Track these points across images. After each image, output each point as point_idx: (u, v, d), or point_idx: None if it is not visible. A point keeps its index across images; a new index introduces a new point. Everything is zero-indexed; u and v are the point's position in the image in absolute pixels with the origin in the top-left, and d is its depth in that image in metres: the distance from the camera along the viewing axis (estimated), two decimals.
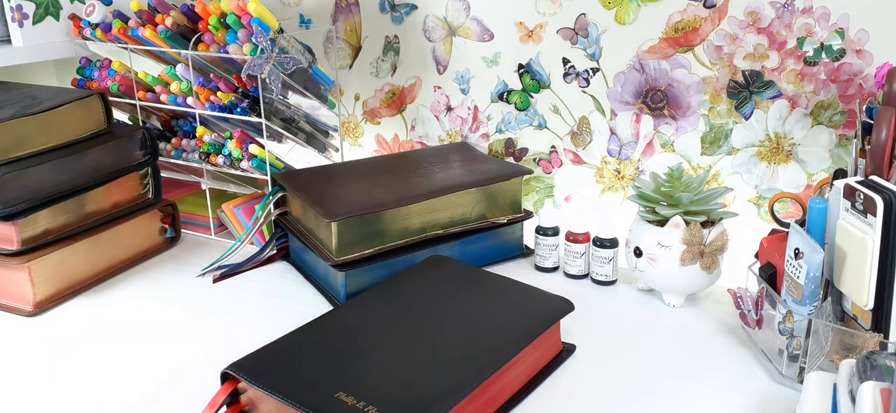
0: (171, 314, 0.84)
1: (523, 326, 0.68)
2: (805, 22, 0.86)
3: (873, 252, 0.62)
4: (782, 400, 0.66)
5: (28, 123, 0.86)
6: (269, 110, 0.98)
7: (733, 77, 0.92)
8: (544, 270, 0.93)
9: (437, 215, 0.90)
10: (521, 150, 1.09)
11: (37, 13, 1.10)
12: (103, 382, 0.70)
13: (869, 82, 0.85)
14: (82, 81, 1.10)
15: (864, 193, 0.62)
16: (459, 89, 1.11)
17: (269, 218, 0.97)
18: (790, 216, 0.91)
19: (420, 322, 0.69)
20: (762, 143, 0.93)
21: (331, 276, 0.86)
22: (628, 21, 0.95)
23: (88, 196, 0.92)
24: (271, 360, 0.63)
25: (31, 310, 0.84)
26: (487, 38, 1.06)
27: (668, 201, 0.82)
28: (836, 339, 0.67)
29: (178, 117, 1.10)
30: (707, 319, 0.80)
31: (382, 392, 0.58)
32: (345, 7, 1.15)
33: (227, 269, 0.94)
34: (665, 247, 0.79)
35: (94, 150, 0.93)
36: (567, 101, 1.03)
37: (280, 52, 0.92)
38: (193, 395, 0.67)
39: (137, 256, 0.99)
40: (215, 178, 1.08)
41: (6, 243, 0.84)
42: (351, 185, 0.92)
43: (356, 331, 0.68)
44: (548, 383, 0.69)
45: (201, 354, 0.75)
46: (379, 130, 1.21)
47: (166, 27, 0.98)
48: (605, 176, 1.04)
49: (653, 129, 0.99)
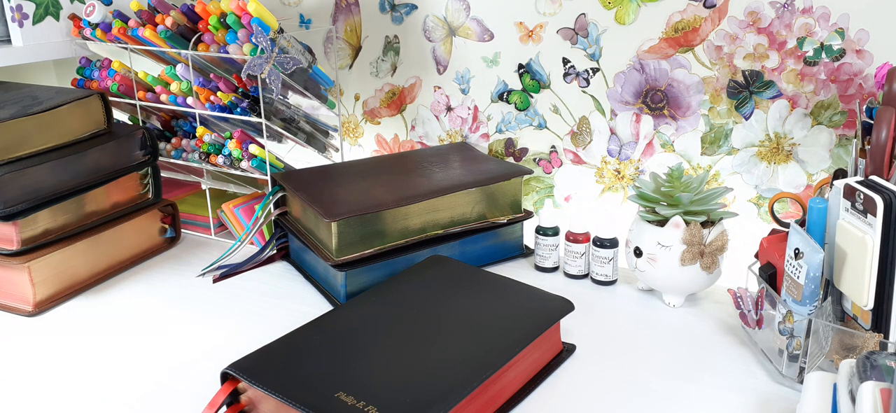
0: (171, 314, 0.84)
1: (523, 326, 0.68)
2: (805, 22, 0.86)
3: (873, 252, 0.62)
4: (782, 400, 0.66)
5: (28, 123, 0.86)
6: (269, 110, 0.98)
7: (733, 77, 0.92)
8: (544, 270, 0.93)
9: (437, 215, 0.90)
10: (521, 150, 1.09)
11: (37, 13, 1.10)
12: (103, 382, 0.70)
13: (869, 82, 0.85)
14: (82, 81, 1.10)
15: (864, 193, 0.62)
16: (459, 89, 1.11)
17: (269, 218, 0.97)
18: (790, 216, 0.91)
19: (420, 322, 0.69)
20: (762, 143, 0.93)
21: (331, 276, 0.86)
22: (628, 21, 0.95)
23: (88, 196, 0.92)
24: (271, 360, 0.63)
25: (31, 310, 0.84)
26: (487, 38, 1.06)
27: (668, 201, 0.82)
28: (836, 339, 0.67)
29: (178, 117, 1.10)
30: (707, 319, 0.80)
31: (382, 392, 0.58)
32: (345, 7, 1.15)
33: (227, 269, 0.94)
34: (665, 247, 0.79)
35: (94, 150, 0.93)
36: (567, 101, 1.03)
37: (280, 52, 0.92)
38: (193, 395, 0.67)
39: (137, 256, 0.99)
40: (215, 178, 1.08)
41: (6, 243, 0.84)
42: (351, 185, 0.92)
43: (356, 331, 0.68)
44: (548, 383, 0.69)
45: (201, 354, 0.75)
46: (379, 130, 1.21)
47: (166, 27, 0.98)
48: (605, 176, 1.04)
49: (653, 129, 0.99)
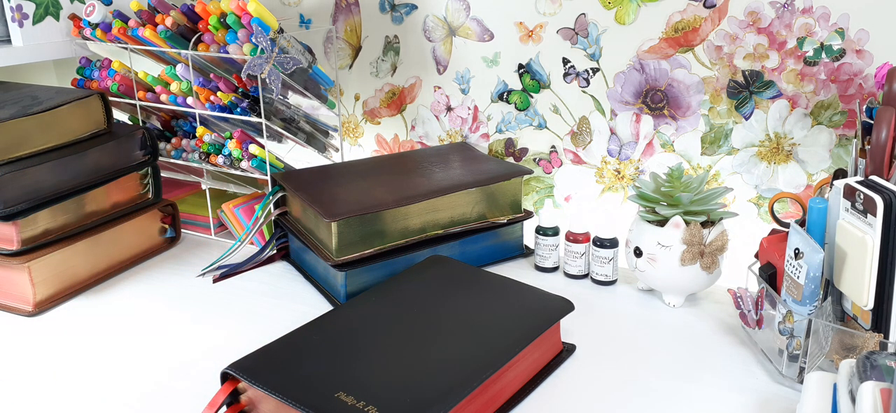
0: (171, 314, 0.84)
1: (523, 326, 0.68)
2: (805, 22, 0.86)
3: (873, 252, 0.62)
4: (782, 400, 0.66)
5: (28, 123, 0.86)
6: (269, 110, 0.98)
7: (733, 77, 0.92)
8: (544, 270, 0.93)
9: (437, 215, 0.90)
10: (521, 150, 1.09)
11: (37, 13, 1.10)
12: (103, 382, 0.70)
13: (869, 82, 0.85)
14: (82, 81, 1.10)
15: (864, 193, 0.62)
16: (459, 89, 1.11)
17: (269, 218, 0.97)
18: (790, 216, 0.91)
19: (420, 322, 0.69)
20: (762, 143, 0.93)
21: (331, 276, 0.86)
22: (628, 21, 0.95)
23: (88, 196, 0.92)
24: (271, 360, 0.63)
25: (31, 310, 0.84)
26: (487, 38, 1.06)
27: (668, 201, 0.82)
28: (836, 339, 0.67)
29: (178, 117, 1.10)
30: (707, 319, 0.80)
31: (382, 392, 0.58)
32: (345, 7, 1.15)
33: (227, 269, 0.94)
34: (665, 247, 0.79)
35: (94, 150, 0.93)
36: (567, 101, 1.03)
37: (280, 52, 0.92)
38: (193, 395, 0.67)
39: (137, 256, 0.99)
40: (215, 178, 1.08)
41: (6, 243, 0.84)
42: (351, 185, 0.92)
43: (356, 331, 0.67)
44: (548, 383, 0.69)
45: (201, 354, 0.75)
46: (379, 130, 1.21)
47: (166, 27, 0.98)
48: (605, 176, 1.04)
49: (653, 129, 0.99)
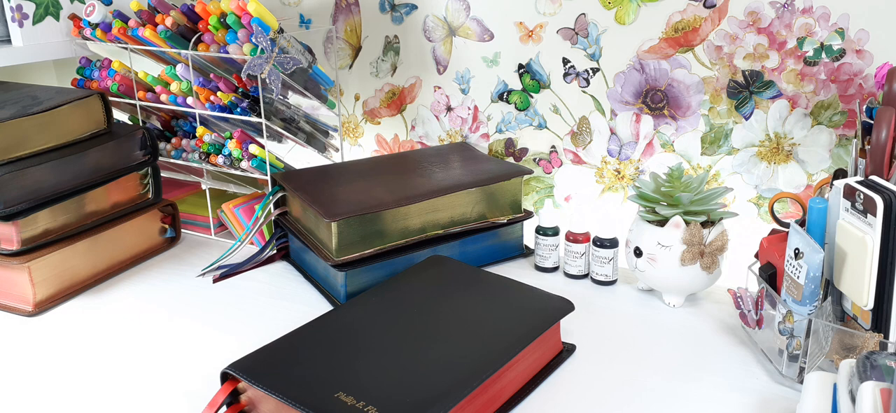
0: (171, 314, 0.84)
1: (523, 326, 0.68)
2: (805, 22, 0.86)
3: (873, 252, 0.62)
4: (782, 400, 0.66)
5: (28, 123, 0.86)
6: (269, 110, 0.98)
7: (733, 77, 0.92)
8: (544, 270, 0.93)
9: (437, 215, 0.90)
10: (521, 150, 1.09)
11: (37, 13, 1.10)
12: (103, 382, 0.70)
13: (869, 82, 0.85)
14: (82, 81, 1.10)
15: (864, 193, 0.62)
16: (459, 89, 1.11)
17: (269, 218, 0.97)
18: (790, 216, 0.91)
19: (420, 322, 0.69)
20: (762, 143, 0.93)
21: (331, 276, 0.86)
22: (628, 21, 0.95)
23: (88, 196, 0.92)
24: (271, 360, 0.63)
25: (31, 310, 0.84)
26: (487, 38, 1.06)
27: (668, 201, 0.82)
28: (836, 339, 0.67)
29: (178, 117, 1.10)
30: (707, 319, 0.80)
31: (382, 392, 0.58)
32: (345, 7, 1.15)
33: (227, 269, 0.94)
34: (665, 247, 0.79)
35: (94, 150, 0.93)
36: (567, 101, 1.03)
37: (280, 52, 0.92)
38: (193, 395, 0.67)
39: (137, 256, 0.99)
40: (215, 178, 1.08)
41: (6, 243, 0.84)
42: (351, 185, 0.92)
43: (356, 331, 0.67)
44: (548, 383, 0.69)
45: (201, 354, 0.75)
46: (379, 130, 1.21)
47: (166, 27, 0.98)
48: (605, 176, 1.04)
49: (653, 129, 0.99)
